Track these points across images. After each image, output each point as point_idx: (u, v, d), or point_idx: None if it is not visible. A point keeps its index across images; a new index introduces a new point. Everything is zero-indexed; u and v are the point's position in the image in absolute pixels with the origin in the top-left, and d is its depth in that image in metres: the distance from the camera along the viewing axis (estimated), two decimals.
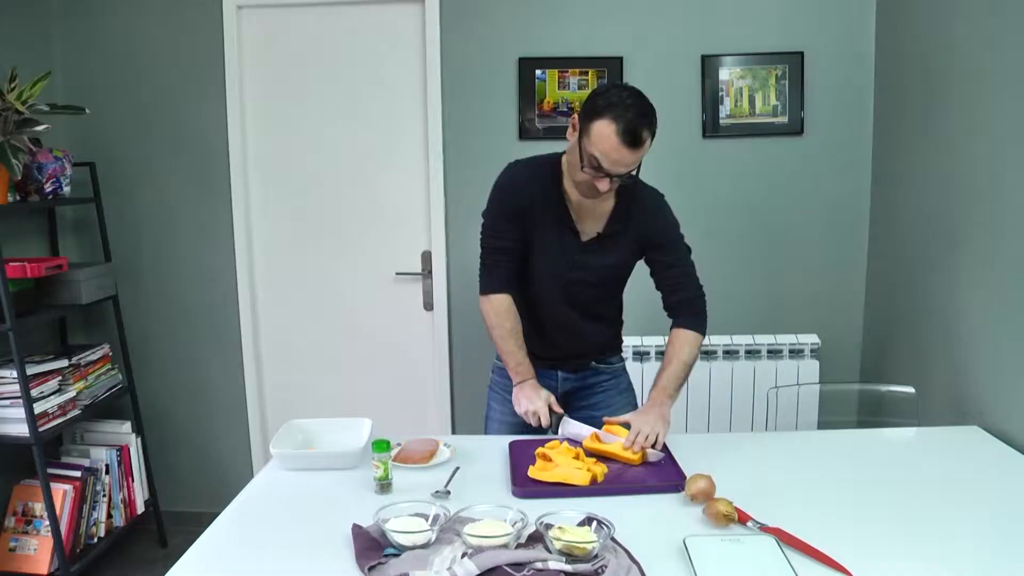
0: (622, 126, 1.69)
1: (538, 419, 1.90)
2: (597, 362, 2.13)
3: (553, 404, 1.92)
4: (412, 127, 3.08)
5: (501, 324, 1.97)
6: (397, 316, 3.19)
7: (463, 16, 2.97)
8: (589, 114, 1.74)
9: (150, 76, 3.07)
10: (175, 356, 3.24)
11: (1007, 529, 1.48)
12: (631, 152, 1.72)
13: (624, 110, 1.70)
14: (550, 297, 2.01)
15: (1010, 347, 2.03)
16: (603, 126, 1.71)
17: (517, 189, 1.93)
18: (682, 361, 1.92)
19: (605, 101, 1.72)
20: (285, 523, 1.56)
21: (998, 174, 2.09)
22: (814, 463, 1.83)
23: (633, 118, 1.69)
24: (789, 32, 2.91)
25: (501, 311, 1.97)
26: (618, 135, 1.69)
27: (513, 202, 1.93)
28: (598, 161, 1.73)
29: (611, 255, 1.96)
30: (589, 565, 1.32)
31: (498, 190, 1.96)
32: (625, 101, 1.71)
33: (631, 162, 1.75)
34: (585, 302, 2.02)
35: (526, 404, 1.92)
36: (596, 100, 1.75)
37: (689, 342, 1.94)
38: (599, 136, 1.71)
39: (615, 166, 1.74)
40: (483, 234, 1.99)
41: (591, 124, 1.73)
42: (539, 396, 1.92)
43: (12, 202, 2.68)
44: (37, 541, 2.71)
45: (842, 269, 3.02)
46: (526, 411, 1.91)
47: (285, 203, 3.16)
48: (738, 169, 2.98)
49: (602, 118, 1.71)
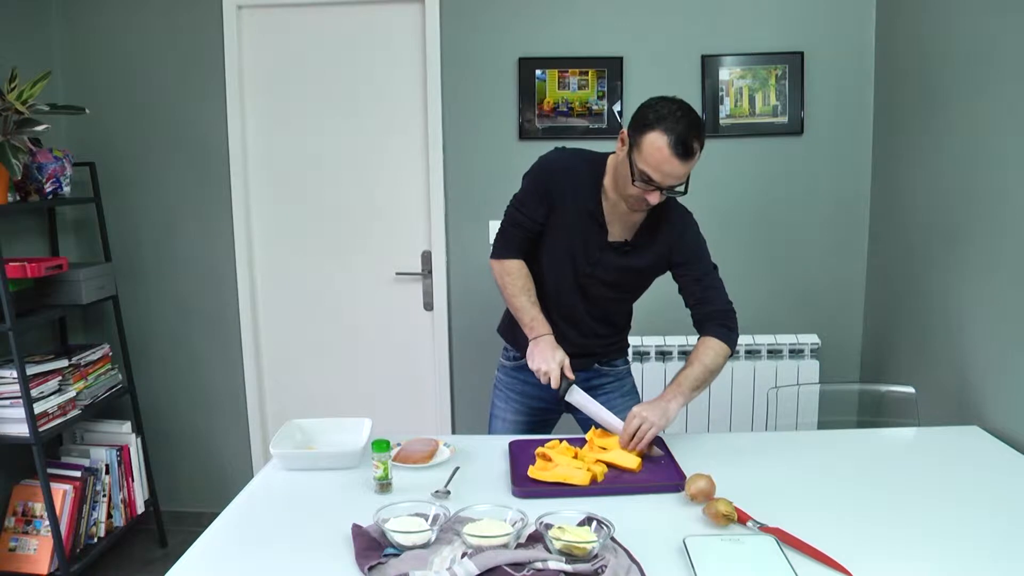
0: (674, 138, 1.70)
1: (548, 379, 1.89)
2: (600, 363, 2.13)
3: (566, 367, 1.90)
4: (412, 127, 3.08)
5: (513, 283, 1.99)
6: (397, 316, 3.19)
7: (463, 16, 2.97)
8: (639, 127, 1.75)
9: (150, 76, 3.07)
10: (175, 356, 3.24)
11: (1007, 529, 1.48)
12: (683, 164, 1.73)
13: (675, 122, 1.71)
14: (562, 286, 2.01)
15: (1010, 347, 2.03)
16: (655, 138, 1.72)
17: (556, 175, 1.93)
18: (704, 365, 1.87)
19: (656, 114, 1.73)
20: (285, 523, 1.56)
21: (998, 174, 2.09)
22: (814, 463, 1.83)
23: (684, 130, 1.71)
24: (789, 32, 2.91)
25: (513, 272, 1.99)
26: (670, 147, 1.70)
27: (549, 185, 1.93)
28: (649, 175, 1.74)
29: (632, 261, 1.96)
30: (589, 565, 1.32)
31: (538, 169, 1.97)
32: (675, 114, 1.72)
33: (682, 174, 1.76)
34: (595, 299, 2.02)
35: (539, 362, 1.90)
36: (646, 113, 1.75)
37: (715, 349, 1.89)
38: (651, 149, 1.72)
39: (667, 179, 1.75)
40: (511, 203, 2.01)
41: (642, 137, 1.74)
42: (554, 357, 1.90)
43: (12, 202, 2.68)
44: (37, 541, 2.71)
45: (842, 269, 3.02)
46: (538, 369, 1.90)
47: (285, 203, 3.16)
48: (738, 169, 2.98)
49: (653, 131, 1.72)
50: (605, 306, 2.05)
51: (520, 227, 1.98)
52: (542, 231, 1.97)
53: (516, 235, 1.99)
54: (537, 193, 1.95)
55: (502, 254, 2.01)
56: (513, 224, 1.99)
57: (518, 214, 1.98)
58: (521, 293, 1.98)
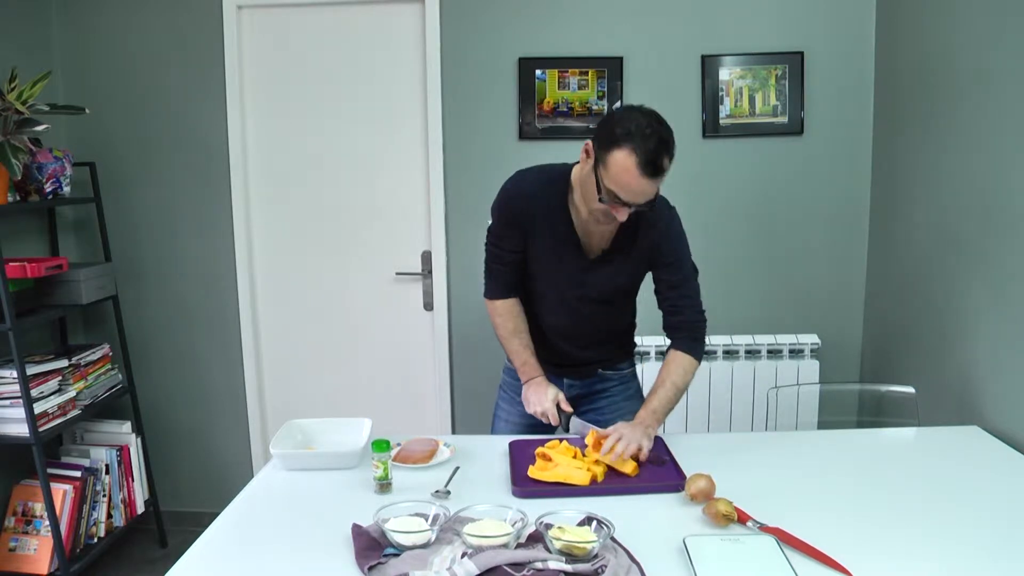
0: (643, 157, 1.59)
1: (548, 418, 1.89)
2: (604, 369, 2.10)
3: (562, 402, 1.90)
4: (412, 127, 3.08)
5: (504, 325, 1.97)
6: (397, 316, 3.19)
7: (463, 16, 2.97)
8: (605, 143, 1.63)
9: (150, 76, 3.07)
10: (175, 356, 3.24)
11: (1007, 529, 1.48)
12: (652, 183, 1.63)
13: (643, 140, 1.59)
14: (555, 313, 1.98)
15: (1010, 347, 2.03)
16: (622, 157, 1.60)
17: (520, 201, 1.86)
18: (675, 385, 1.86)
19: (623, 130, 1.61)
20: (285, 523, 1.56)
21: (998, 174, 2.09)
22: (814, 463, 1.83)
23: (654, 148, 1.59)
24: (789, 32, 2.91)
25: (503, 313, 1.97)
26: (639, 167, 1.59)
27: (515, 213, 1.87)
28: (616, 194, 1.65)
29: (617, 272, 1.91)
30: (589, 565, 1.32)
31: (502, 199, 1.90)
32: (644, 130, 1.60)
33: (652, 192, 1.66)
34: (591, 318, 1.98)
35: (535, 405, 1.90)
36: (613, 128, 1.63)
37: (685, 367, 1.89)
38: (617, 168, 1.61)
39: (634, 197, 1.65)
40: (487, 239, 1.96)
41: (608, 155, 1.63)
42: (547, 396, 1.89)
43: (12, 202, 2.68)
44: (37, 541, 2.71)
45: (842, 269, 3.02)
46: (534, 412, 1.90)
47: (285, 203, 3.16)
48: (738, 169, 2.98)
49: (620, 149, 1.60)
50: (604, 322, 2.02)
51: (501, 261, 1.93)
52: (526, 258, 1.92)
53: (500, 271, 1.94)
54: (508, 225, 1.88)
55: (490, 294, 1.99)
56: (494, 260, 1.95)
57: (496, 250, 1.93)
58: (512, 336, 1.96)
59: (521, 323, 1.98)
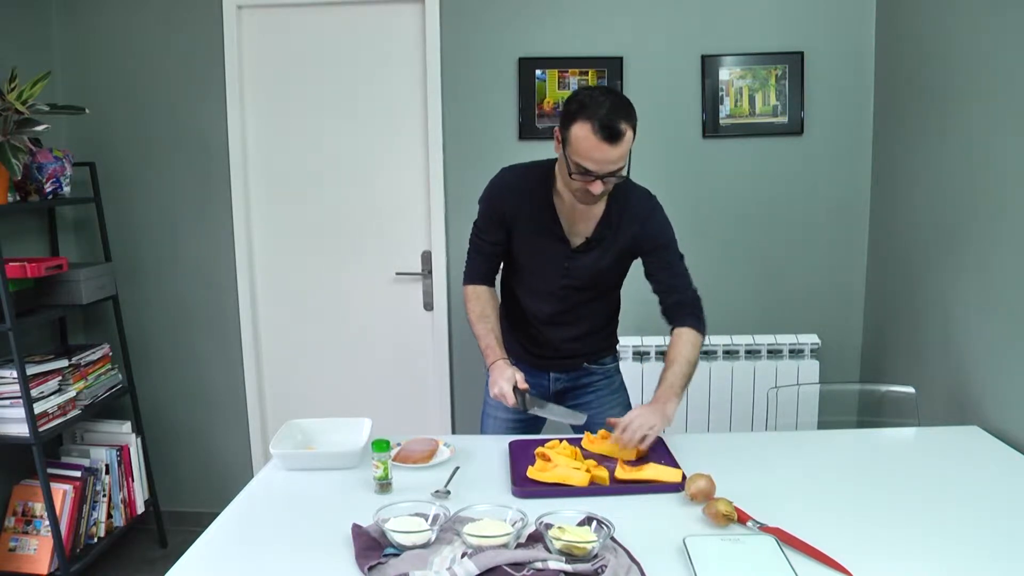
0: (597, 123, 1.67)
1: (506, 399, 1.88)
2: (589, 363, 2.13)
3: (519, 381, 1.88)
4: (412, 127, 3.08)
5: (473, 309, 2.03)
6: (397, 316, 3.19)
7: (463, 16, 2.97)
8: (565, 121, 1.74)
9: (150, 76, 3.07)
10: (175, 356, 3.24)
11: (1007, 529, 1.48)
12: (612, 147, 1.69)
13: (596, 107, 1.68)
14: (542, 303, 2.02)
15: (1010, 347, 2.03)
16: (579, 128, 1.70)
17: (504, 195, 1.95)
18: (688, 359, 1.89)
19: (577, 105, 1.71)
20: (285, 523, 1.56)
21: (998, 174, 2.09)
22: (814, 463, 1.83)
23: (606, 113, 1.68)
24: (789, 32, 2.91)
25: (473, 297, 2.04)
26: (595, 133, 1.68)
27: (499, 207, 1.95)
28: (584, 166, 1.72)
29: (601, 260, 1.95)
30: (589, 565, 1.32)
31: (487, 193, 1.99)
32: (597, 99, 1.70)
33: (616, 158, 1.72)
34: (577, 307, 2.02)
35: (493, 387, 1.91)
36: (569, 106, 1.74)
37: (691, 341, 1.92)
38: (577, 139, 1.70)
39: (601, 166, 1.71)
40: (473, 230, 2.04)
41: (568, 131, 1.73)
42: (503, 377, 1.88)
43: (12, 202, 2.68)
44: (37, 541, 2.71)
45: (842, 269, 3.02)
46: (494, 395, 1.90)
47: (285, 203, 3.16)
48: (738, 169, 2.98)
49: (576, 121, 1.70)
50: (589, 311, 2.05)
51: (481, 251, 2.03)
52: (508, 250, 2.00)
53: (478, 260, 2.04)
54: (492, 218, 1.97)
55: (467, 279, 2.07)
56: (475, 250, 2.05)
57: (479, 240, 2.02)
58: (479, 320, 2.01)
59: (490, 309, 2.02)
